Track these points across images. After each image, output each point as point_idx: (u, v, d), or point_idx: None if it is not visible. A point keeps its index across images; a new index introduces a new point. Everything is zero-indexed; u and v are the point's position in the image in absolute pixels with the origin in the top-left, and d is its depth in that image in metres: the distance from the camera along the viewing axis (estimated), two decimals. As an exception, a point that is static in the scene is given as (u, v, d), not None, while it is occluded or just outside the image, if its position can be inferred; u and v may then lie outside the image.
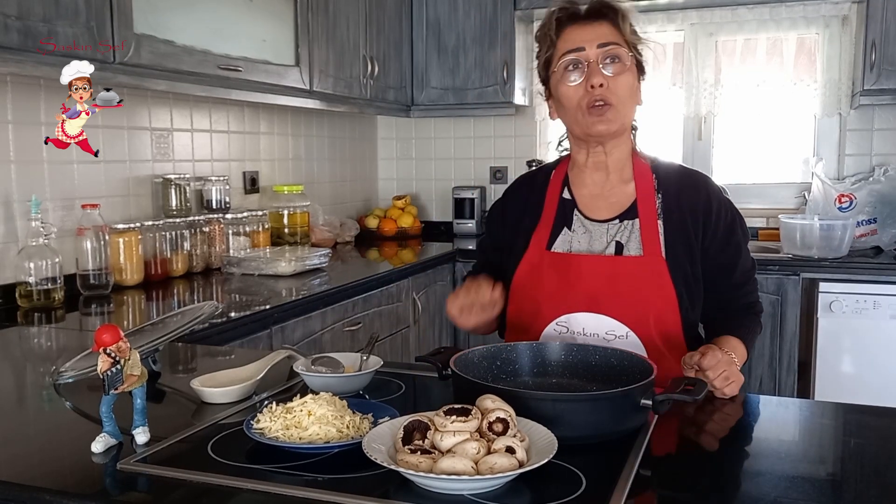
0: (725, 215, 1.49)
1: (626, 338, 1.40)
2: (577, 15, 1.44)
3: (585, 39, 1.42)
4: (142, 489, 0.94)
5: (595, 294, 1.42)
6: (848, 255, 3.08)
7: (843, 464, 1.08)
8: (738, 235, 1.50)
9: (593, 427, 1.04)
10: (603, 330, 1.41)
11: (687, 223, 1.45)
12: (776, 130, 3.71)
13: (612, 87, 1.40)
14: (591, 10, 1.44)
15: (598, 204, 1.50)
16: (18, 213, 2.21)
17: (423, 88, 3.76)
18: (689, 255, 1.44)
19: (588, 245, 1.47)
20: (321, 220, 3.50)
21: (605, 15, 1.44)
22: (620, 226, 1.46)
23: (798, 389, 3.11)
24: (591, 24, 1.43)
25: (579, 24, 1.44)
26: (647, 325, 1.40)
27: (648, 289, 1.41)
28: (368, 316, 2.67)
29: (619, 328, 1.40)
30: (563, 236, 1.50)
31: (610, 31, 1.43)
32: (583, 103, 1.42)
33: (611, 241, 1.46)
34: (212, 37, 2.38)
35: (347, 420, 1.02)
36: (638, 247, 1.44)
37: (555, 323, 1.44)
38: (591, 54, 1.41)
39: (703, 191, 1.49)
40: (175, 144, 2.79)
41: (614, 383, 1.18)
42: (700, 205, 1.47)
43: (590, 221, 1.49)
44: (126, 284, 2.45)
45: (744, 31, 3.58)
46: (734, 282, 1.50)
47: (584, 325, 1.42)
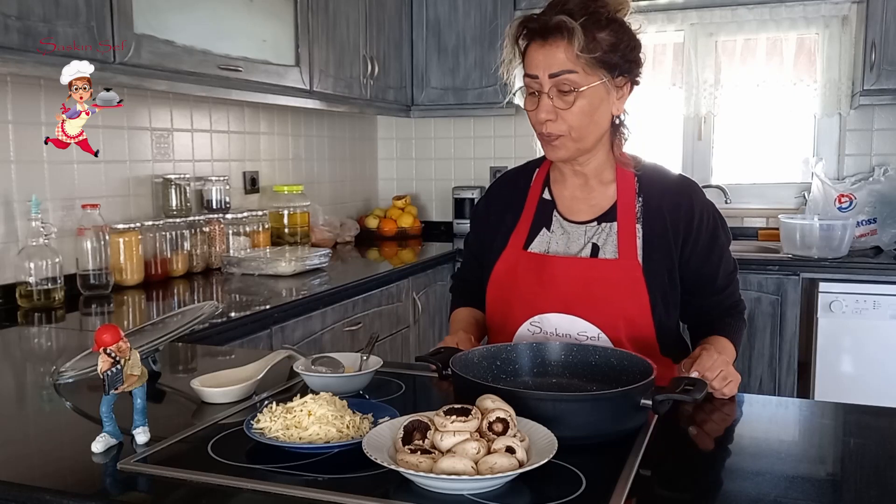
0: (708, 222, 1.45)
1: (598, 339, 1.40)
2: (535, 31, 1.36)
3: (539, 66, 1.35)
4: (142, 489, 0.94)
5: (568, 296, 1.41)
6: (848, 255, 3.08)
7: (843, 464, 1.08)
8: (721, 242, 1.48)
9: (593, 427, 1.04)
10: (575, 331, 1.41)
11: (667, 228, 1.43)
12: (776, 130, 3.71)
13: (564, 116, 1.36)
14: (547, 29, 1.34)
15: (578, 206, 1.49)
16: (19, 213, 2.21)
17: (423, 88, 3.77)
18: (666, 259, 1.42)
19: (565, 246, 1.46)
20: (321, 220, 3.50)
21: (561, 34, 1.32)
22: (598, 228, 1.45)
23: (798, 389, 3.11)
24: (547, 47, 1.34)
25: (537, 45, 1.36)
26: (617, 327, 1.40)
27: (621, 292, 1.40)
28: (368, 316, 2.67)
29: (591, 329, 1.40)
30: (542, 237, 1.49)
31: (565, 55, 1.32)
32: (537, 130, 1.41)
33: (587, 243, 1.45)
34: (212, 37, 2.38)
35: (347, 420, 1.02)
36: (614, 250, 1.42)
37: (528, 323, 1.44)
38: (545, 84, 1.36)
39: (686, 197, 1.45)
40: (175, 144, 2.79)
41: (614, 383, 1.18)
42: (682, 212, 1.44)
43: (568, 223, 1.48)
44: (126, 284, 2.45)
45: (744, 32, 3.58)
46: (717, 287, 1.48)
47: (556, 325, 1.42)
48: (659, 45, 3.75)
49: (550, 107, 1.36)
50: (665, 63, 3.75)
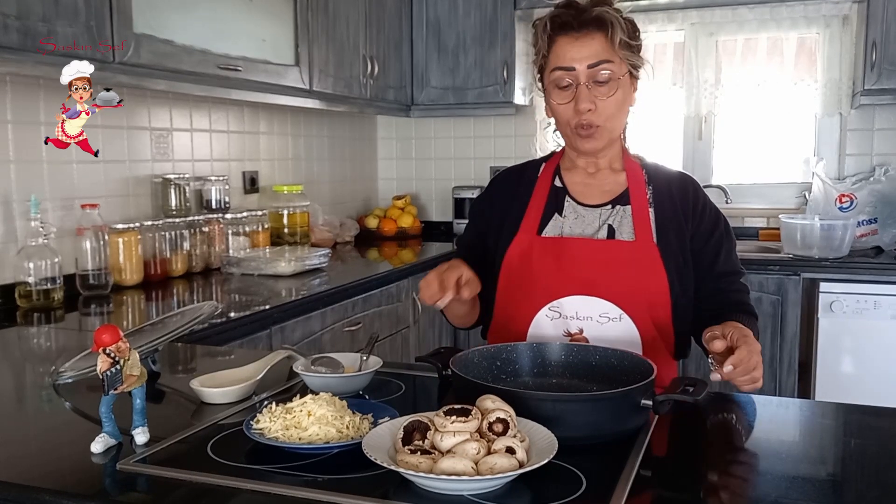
0: (711, 211, 1.50)
1: (620, 320, 1.39)
2: (569, 25, 1.38)
3: (576, 58, 1.37)
4: (141, 489, 0.94)
5: (589, 277, 1.41)
6: (848, 255, 3.08)
7: (844, 464, 1.08)
8: (721, 229, 1.50)
9: (594, 427, 1.04)
10: (596, 313, 1.40)
11: (677, 211, 1.46)
12: (776, 130, 3.71)
13: (601, 108, 1.39)
14: (583, 21, 1.38)
15: (590, 190, 1.51)
16: (18, 213, 2.21)
17: (423, 88, 3.76)
18: (679, 241, 1.44)
19: (580, 229, 1.47)
20: (321, 220, 3.50)
21: (597, 27, 1.37)
22: (612, 211, 1.47)
23: (798, 390, 3.11)
24: (583, 38, 1.37)
25: (571, 37, 1.38)
26: (639, 307, 1.40)
27: (642, 272, 1.41)
28: (368, 316, 2.67)
29: (613, 310, 1.39)
30: (555, 221, 1.49)
31: (602, 46, 1.37)
32: (571, 122, 1.41)
33: (602, 225, 1.46)
34: (211, 36, 2.38)
35: (347, 420, 1.02)
36: (630, 231, 1.44)
37: (547, 308, 1.43)
38: (581, 75, 1.38)
39: (690, 187, 1.51)
40: (174, 144, 2.79)
41: (615, 383, 1.18)
42: (689, 197, 1.49)
43: (581, 206, 1.49)
44: (125, 284, 2.44)
45: (744, 31, 3.57)
46: (719, 270, 1.47)
47: (576, 308, 1.41)
48: (659, 44, 3.75)
49: (590, 97, 1.38)
50: (665, 63, 3.75)
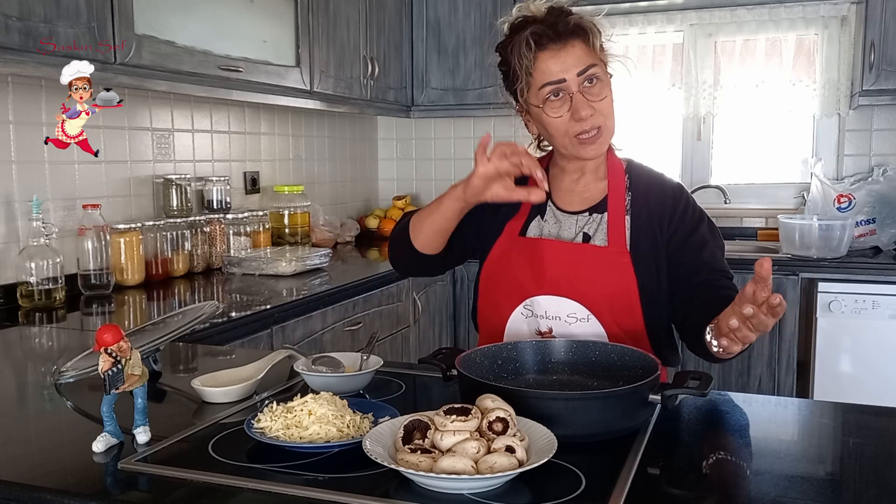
0: (693, 213, 1.47)
1: (587, 321, 1.41)
2: (548, 38, 1.38)
3: (564, 68, 1.37)
4: (143, 489, 0.94)
5: (559, 277, 1.43)
6: (847, 256, 3.08)
7: (842, 463, 1.08)
8: (704, 230, 1.46)
9: (602, 425, 1.05)
10: (564, 312, 1.42)
11: (654, 221, 1.46)
12: (775, 131, 3.71)
13: (599, 109, 1.39)
14: (561, 33, 1.37)
15: (571, 197, 1.52)
16: (20, 214, 2.22)
17: (424, 89, 3.77)
18: (653, 251, 1.44)
19: (557, 234, 1.50)
20: (321, 221, 3.51)
21: (576, 35, 1.38)
22: (589, 218, 1.49)
23: (797, 389, 3.11)
24: (565, 48, 1.37)
25: (552, 51, 1.38)
26: (606, 310, 1.41)
27: (611, 276, 1.42)
28: (368, 316, 2.68)
29: (581, 311, 1.41)
30: (536, 223, 1.52)
31: (584, 51, 1.38)
32: (571, 132, 1.40)
33: (579, 232, 1.48)
34: (212, 37, 2.38)
35: (348, 419, 1.02)
36: (604, 238, 1.45)
37: (522, 306, 1.46)
38: (572, 84, 1.37)
39: (670, 192, 1.48)
40: (176, 145, 2.79)
41: (615, 379, 1.19)
42: (667, 203, 1.46)
43: (561, 212, 1.51)
44: (127, 284, 2.45)
45: (743, 32, 3.58)
46: (703, 263, 1.42)
47: (547, 307, 1.44)
48: (658, 45, 3.75)
49: (587, 102, 1.38)
50: (664, 63, 3.76)
